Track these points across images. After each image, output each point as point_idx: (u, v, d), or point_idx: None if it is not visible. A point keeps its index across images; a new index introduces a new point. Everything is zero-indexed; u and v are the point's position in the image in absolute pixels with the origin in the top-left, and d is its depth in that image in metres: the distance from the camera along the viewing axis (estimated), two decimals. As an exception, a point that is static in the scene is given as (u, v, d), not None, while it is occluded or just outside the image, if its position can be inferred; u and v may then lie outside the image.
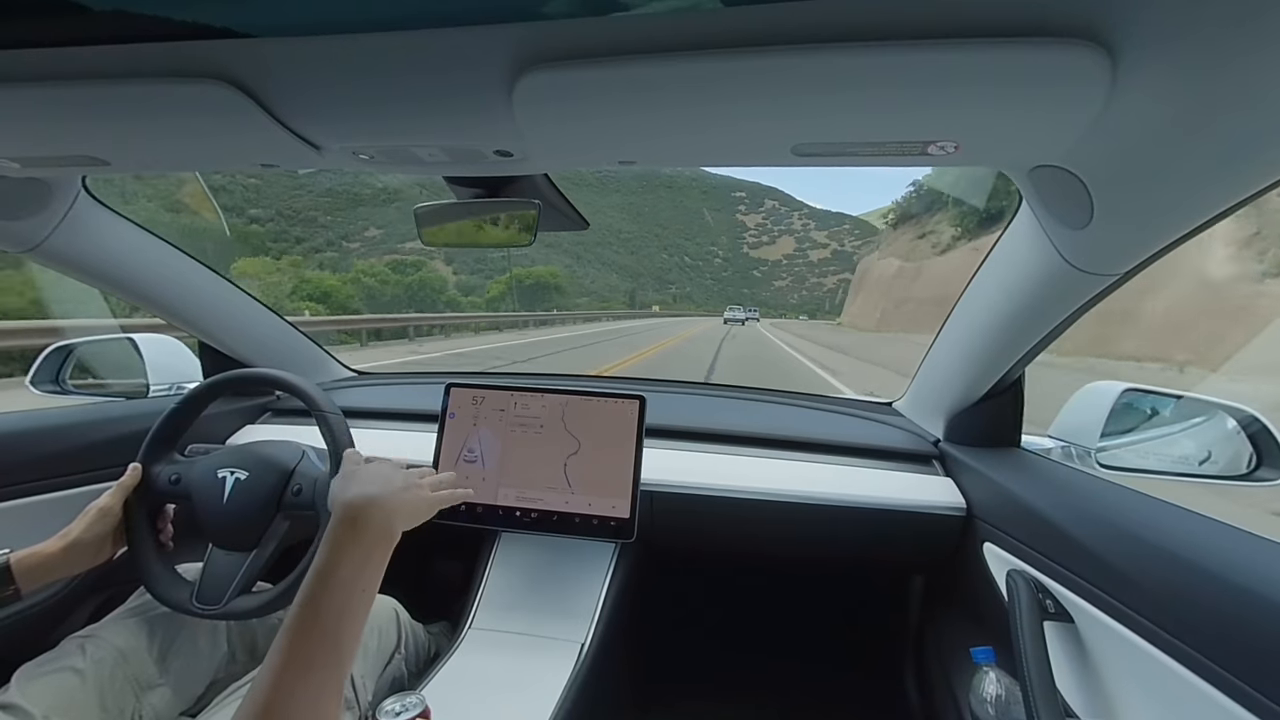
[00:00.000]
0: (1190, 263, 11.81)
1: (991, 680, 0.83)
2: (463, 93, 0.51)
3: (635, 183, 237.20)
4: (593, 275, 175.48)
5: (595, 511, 1.07)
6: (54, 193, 0.91)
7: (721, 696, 1.44)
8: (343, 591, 0.57)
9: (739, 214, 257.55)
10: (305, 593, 0.56)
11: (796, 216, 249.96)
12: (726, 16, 0.41)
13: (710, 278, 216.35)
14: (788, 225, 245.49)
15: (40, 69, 0.51)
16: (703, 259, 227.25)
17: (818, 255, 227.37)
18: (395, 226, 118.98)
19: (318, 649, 0.52)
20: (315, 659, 0.52)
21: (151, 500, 0.90)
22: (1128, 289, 0.74)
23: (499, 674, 0.91)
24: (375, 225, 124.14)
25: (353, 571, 0.59)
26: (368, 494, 0.65)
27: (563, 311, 52.73)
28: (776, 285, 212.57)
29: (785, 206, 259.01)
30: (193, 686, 0.88)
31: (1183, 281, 12.08)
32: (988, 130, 0.52)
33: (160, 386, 1.30)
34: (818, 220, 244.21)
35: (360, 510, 0.63)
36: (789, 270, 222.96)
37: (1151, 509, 0.73)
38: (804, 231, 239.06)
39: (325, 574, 0.57)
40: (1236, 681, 0.51)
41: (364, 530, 0.62)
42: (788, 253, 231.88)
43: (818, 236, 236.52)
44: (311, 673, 0.51)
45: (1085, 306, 0.79)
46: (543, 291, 71.86)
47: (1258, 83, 0.41)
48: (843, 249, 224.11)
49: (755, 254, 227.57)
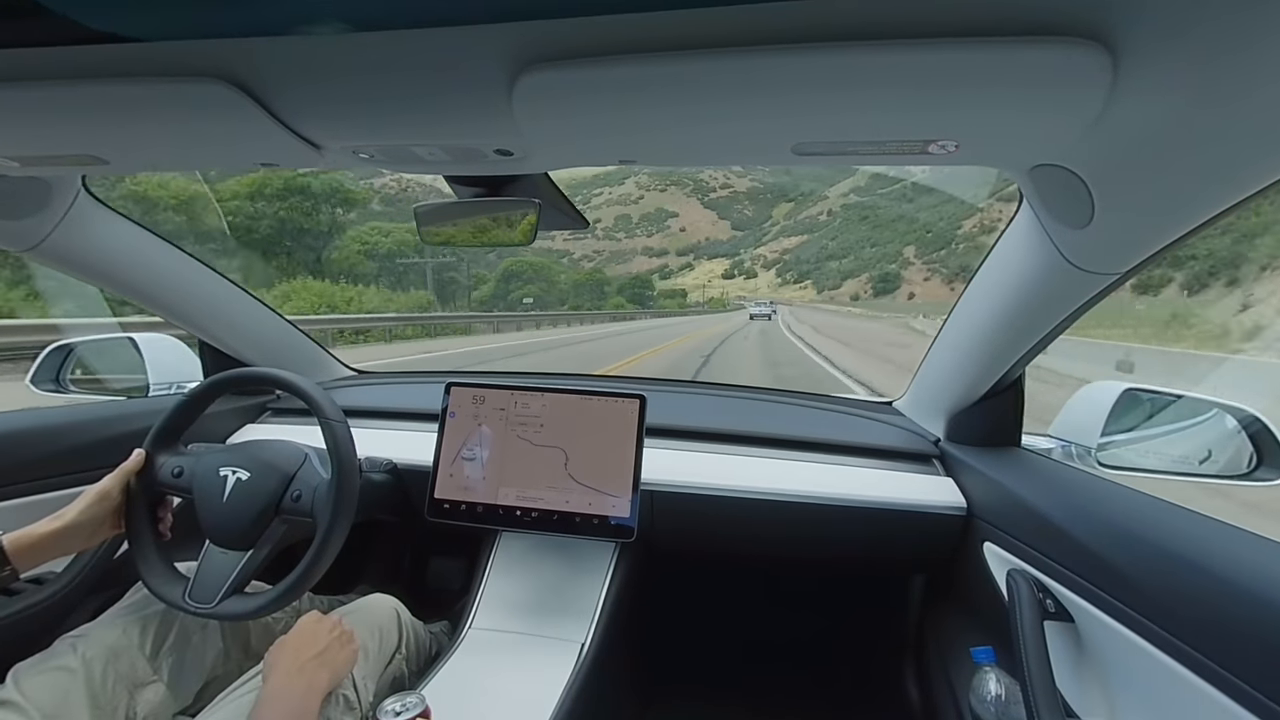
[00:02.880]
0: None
1: (992, 680, 0.83)
2: (463, 92, 0.51)
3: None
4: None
5: (595, 511, 1.07)
6: (54, 192, 0.91)
7: (721, 696, 1.44)
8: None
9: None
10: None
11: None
12: (726, 16, 0.41)
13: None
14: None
15: (41, 69, 0.51)
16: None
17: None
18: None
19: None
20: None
21: (153, 491, 0.90)
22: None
23: (499, 674, 0.91)
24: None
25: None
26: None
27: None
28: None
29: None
30: (188, 684, 0.88)
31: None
32: (988, 129, 0.52)
33: (160, 386, 1.30)
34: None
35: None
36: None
37: (1152, 508, 0.73)
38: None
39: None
40: (1236, 681, 0.51)
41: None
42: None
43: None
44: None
45: (1086, 305, 0.79)
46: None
47: (1258, 82, 0.41)
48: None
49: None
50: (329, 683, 0.75)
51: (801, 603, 1.58)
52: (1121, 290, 0.76)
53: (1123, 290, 0.76)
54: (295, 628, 0.80)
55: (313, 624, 0.81)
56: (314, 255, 27.46)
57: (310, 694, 0.72)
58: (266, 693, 0.72)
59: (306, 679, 0.73)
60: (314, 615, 0.83)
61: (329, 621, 0.83)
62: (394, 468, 1.17)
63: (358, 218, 38.21)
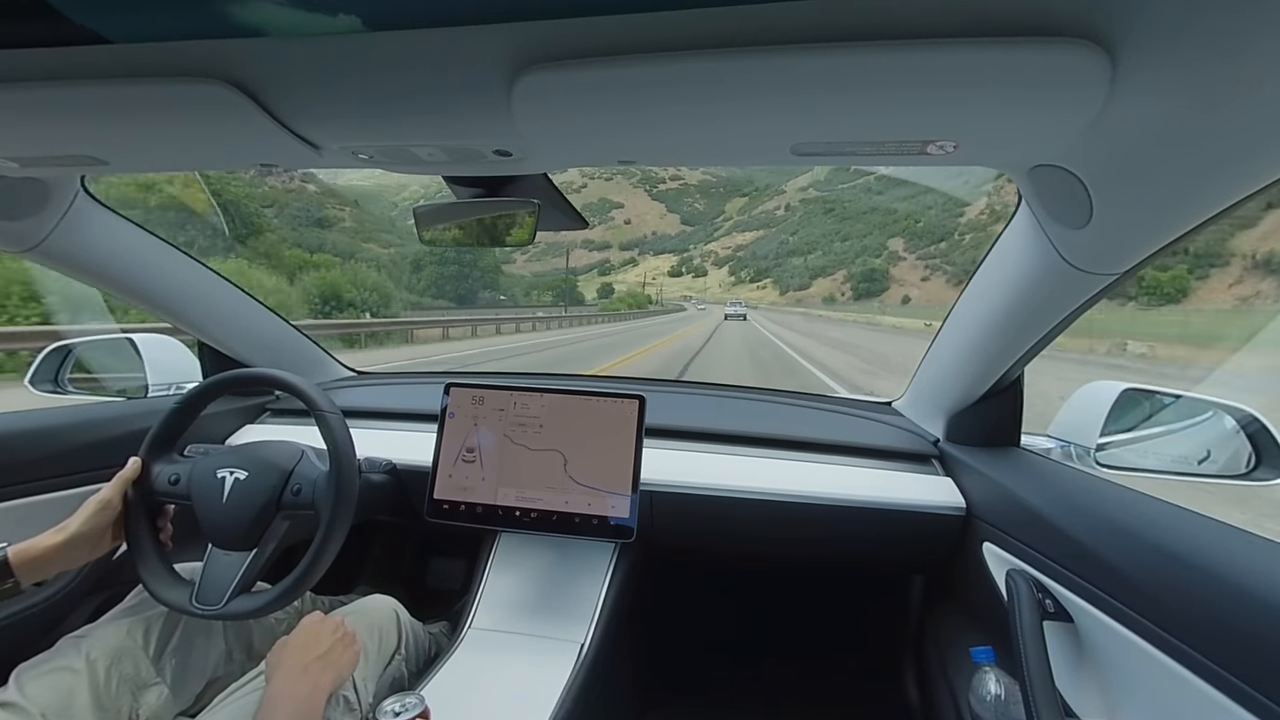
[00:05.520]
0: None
1: (991, 680, 0.83)
2: (462, 92, 0.51)
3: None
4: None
5: (595, 511, 1.07)
6: (53, 193, 0.91)
7: (721, 696, 1.44)
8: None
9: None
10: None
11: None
12: (725, 16, 0.41)
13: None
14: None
15: (40, 69, 0.51)
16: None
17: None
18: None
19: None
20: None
21: (151, 500, 0.90)
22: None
23: (499, 674, 0.91)
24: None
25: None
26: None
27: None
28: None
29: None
30: (190, 685, 0.88)
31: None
32: (987, 130, 0.52)
33: (160, 386, 1.30)
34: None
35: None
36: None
37: (1152, 508, 0.73)
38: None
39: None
40: (1236, 681, 0.51)
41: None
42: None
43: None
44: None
45: (1084, 306, 0.79)
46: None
47: (1256, 82, 0.41)
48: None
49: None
50: (332, 684, 0.75)
51: (801, 603, 1.58)
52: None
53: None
54: (298, 628, 0.80)
55: (316, 624, 0.81)
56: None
57: (315, 695, 0.72)
58: (270, 694, 0.71)
59: (311, 680, 0.73)
60: (317, 615, 0.83)
61: (332, 622, 0.82)
62: (393, 468, 1.17)
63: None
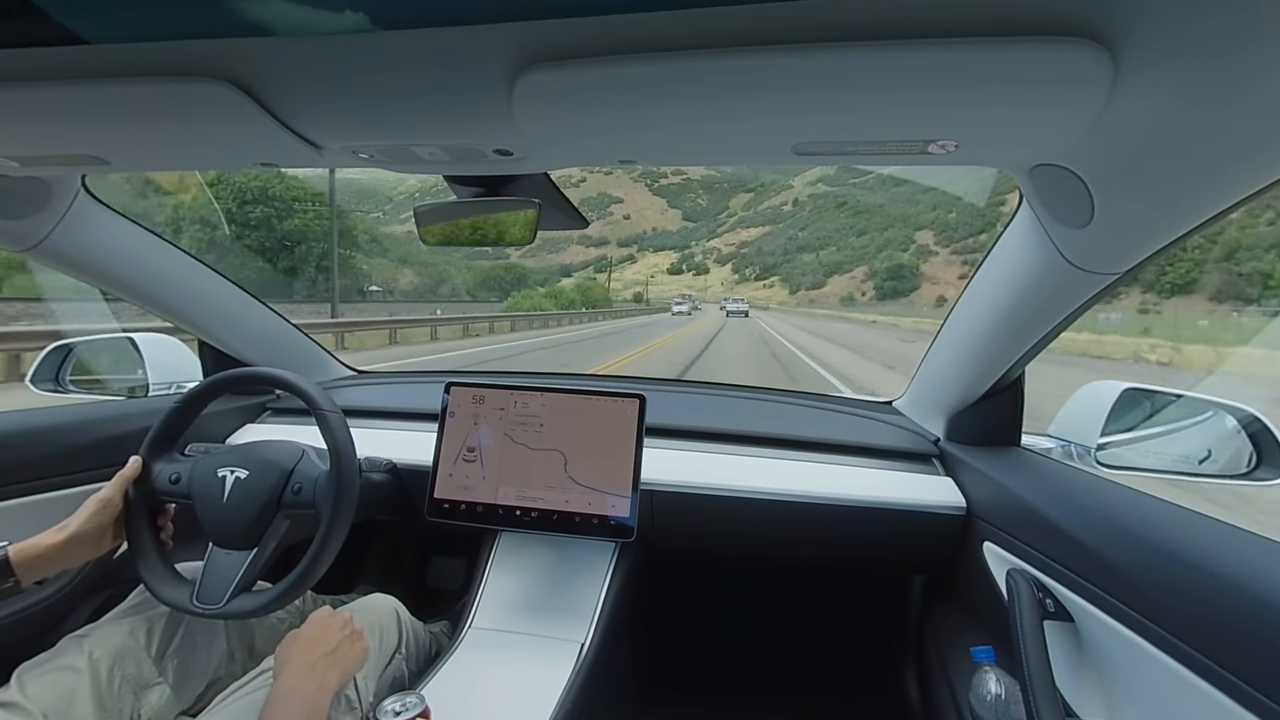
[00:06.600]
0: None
1: (991, 680, 0.83)
2: (462, 92, 0.51)
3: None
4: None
5: (595, 510, 1.07)
6: (53, 192, 0.91)
7: (721, 696, 1.44)
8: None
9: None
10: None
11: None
12: (726, 16, 0.41)
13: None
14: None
15: (41, 69, 0.51)
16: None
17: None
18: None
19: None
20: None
21: (152, 500, 0.90)
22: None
23: (499, 673, 0.91)
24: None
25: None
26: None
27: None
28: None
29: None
30: (191, 685, 0.88)
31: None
32: (988, 129, 0.52)
33: (160, 386, 1.30)
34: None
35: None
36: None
37: (1152, 508, 0.73)
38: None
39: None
40: (1236, 681, 0.51)
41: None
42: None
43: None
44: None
45: (1085, 305, 0.79)
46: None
47: (1258, 81, 0.41)
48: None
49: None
50: (338, 682, 0.75)
51: (801, 602, 1.58)
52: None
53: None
54: (308, 622, 0.80)
55: (325, 620, 0.81)
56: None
57: (321, 693, 0.72)
58: (277, 691, 0.71)
59: (318, 677, 0.73)
60: (326, 610, 0.83)
61: (340, 619, 0.82)
62: (394, 468, 1.17)
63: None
